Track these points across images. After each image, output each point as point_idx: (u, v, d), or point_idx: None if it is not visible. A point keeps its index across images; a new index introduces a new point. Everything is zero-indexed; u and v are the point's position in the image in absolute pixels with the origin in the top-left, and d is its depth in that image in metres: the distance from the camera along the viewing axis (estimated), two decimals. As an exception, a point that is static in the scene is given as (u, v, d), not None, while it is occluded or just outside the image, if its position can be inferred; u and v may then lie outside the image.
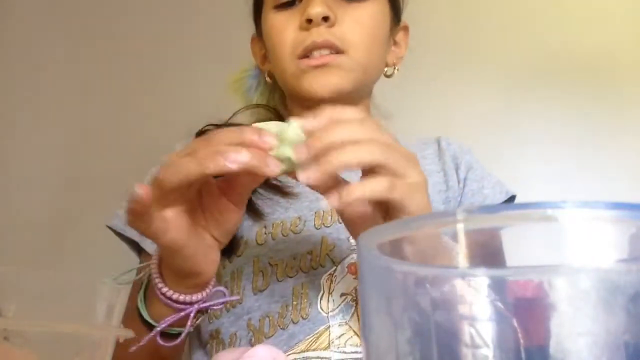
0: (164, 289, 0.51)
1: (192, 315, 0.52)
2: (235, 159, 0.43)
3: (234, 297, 0.61)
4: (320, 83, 0.70)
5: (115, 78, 1.33)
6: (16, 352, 0.29)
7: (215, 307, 0.54)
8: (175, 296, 0.51)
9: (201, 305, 0.52)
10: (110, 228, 0.78)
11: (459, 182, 0.77)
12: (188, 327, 0.52)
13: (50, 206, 1.28)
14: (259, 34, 0.79)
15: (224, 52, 0.90)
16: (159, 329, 0.51)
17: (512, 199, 0.79)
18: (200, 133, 0.79)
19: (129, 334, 0.36)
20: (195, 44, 1.31)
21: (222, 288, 0.55)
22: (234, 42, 0.86)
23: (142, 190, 0.43)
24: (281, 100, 0.82)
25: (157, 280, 0.51)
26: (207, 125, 0.80)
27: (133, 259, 0.78)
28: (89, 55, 1.35)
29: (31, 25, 1.38)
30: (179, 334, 0.53)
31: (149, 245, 0.72)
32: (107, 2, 1.38)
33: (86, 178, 1.29)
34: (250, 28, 0.84)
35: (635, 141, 1.15)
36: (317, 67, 0.70)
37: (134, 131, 1.29)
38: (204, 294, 0.52)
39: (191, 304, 0.52)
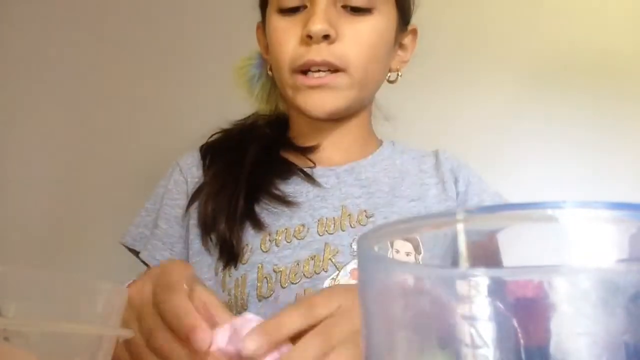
0: None
1: None
2: None
3: None
4: (315, 104, 0.70)
5: (117, 78, 1.33)
6: (16, 352, 0.29)
7: None
8: None
9: None
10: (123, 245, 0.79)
11: (457, 194, 0.77)
12: None
13: (50, 206, 1.28)
14: (264, 24, 0.79)
15: (229, 54, 0.90)
16: None
17: None
18: (207, 146, 0.79)
19: (129, 334, 0.36)
20: (200, 46, 1.31)
21: None
22: (240, 45, 0.87)
23: None
24: (282, 93, 0.82)
25: None
26: (216, 133, 0.80)
27: (132, 258, 0.79)
28: (91, 55, 1.35)
29: (33, 26, 1.38)
30: None
31: (150, 257, 0.75)
32: (110, 3, 1.38)
33: (86, 178, 1.29)
34: (254, 26, 0.84)
35: (635, 142, 1.15)
36: (313, 87, 0.69)
37: (135, 132, 1.29)
38: None
39: None
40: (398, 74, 0.80)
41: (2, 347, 0.29)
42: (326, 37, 0.67)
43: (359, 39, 0.70)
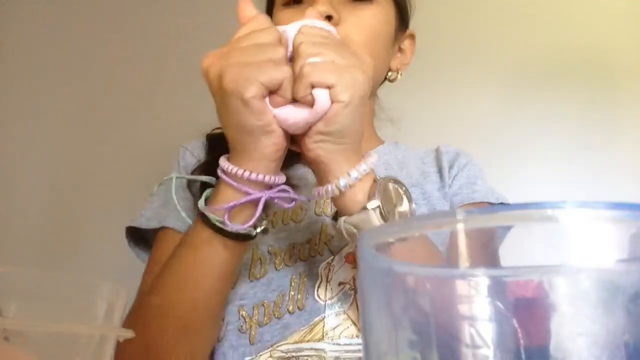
0: (235, 169, 0.52)
1: (261, 202, 0.52)
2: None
3: (302, 198, 0.59)
4: None
5: (117, 77, 1.33)
6: (16, 352, 0.29)
7: (281, 202, 0.54)
8: (246, 174, 0.51)
9: (270, 194, 0.53)
10: (129, 228, 0.76)
11: (449, 177, 0.78)
12: (257, 213, 0.52)
13: (50, 206, 1.28)
14: None
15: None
16: (228, 205, 0.52)
17: None
18: (212, 136, 0.79)
19: (129, 334, 0.36)
20: (203, 46, 1.31)
21: (287, 187, 0.55)
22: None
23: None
24: None
25: (226, 164, 0.53)
26: (217, 128, 0.80)
27: (132, 258, 0.78)
28: (91, 53, 1.35)
29: (33, 26, 1.38)
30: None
31: (173, 222, 0.71)
32: (109, 2, 1.38)
33: (87, 178, 1.29)
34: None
35: (633, 141, 1.15)
36: None
37: (135, 131, 1.29)
38: (274, 178, 0.53)
39: (261, 184, 0.52)
40: (398, 74, 0.81)
41: (2, 347, 0.29)
42: (329, 18, 0.68)
43: (360, 23, 0.71)
